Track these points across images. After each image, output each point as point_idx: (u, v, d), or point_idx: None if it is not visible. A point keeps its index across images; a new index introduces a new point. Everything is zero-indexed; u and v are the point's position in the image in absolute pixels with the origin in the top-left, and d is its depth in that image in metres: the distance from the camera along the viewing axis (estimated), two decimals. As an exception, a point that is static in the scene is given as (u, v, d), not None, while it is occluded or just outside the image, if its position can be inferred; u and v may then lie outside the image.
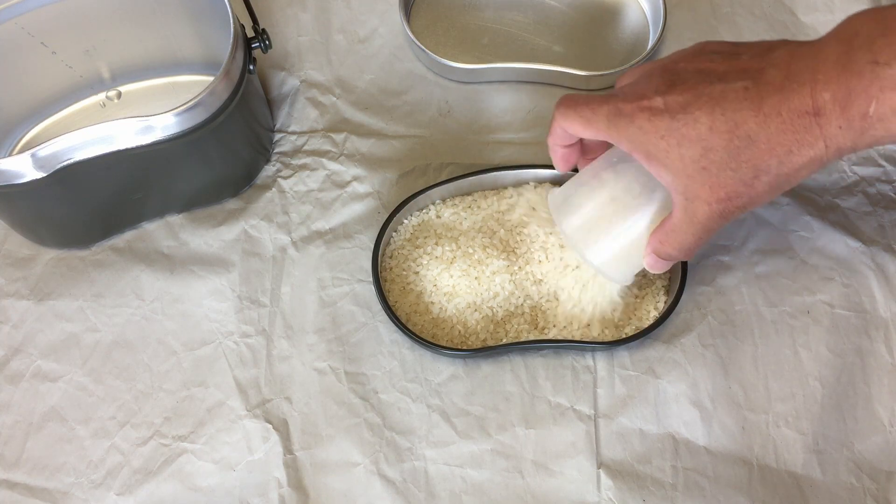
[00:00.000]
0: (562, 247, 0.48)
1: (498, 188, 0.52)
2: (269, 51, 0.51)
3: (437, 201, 0.51)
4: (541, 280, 0.48)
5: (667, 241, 0.41)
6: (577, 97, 0.41)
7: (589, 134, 0.41)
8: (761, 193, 0.37)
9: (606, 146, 0.45)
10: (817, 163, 0.36)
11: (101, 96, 0.56)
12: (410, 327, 0.47)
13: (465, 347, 0.47)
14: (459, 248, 0.49)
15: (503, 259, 0.48)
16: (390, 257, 0.50)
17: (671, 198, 0.39)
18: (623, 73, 0.43)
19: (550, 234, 0.48)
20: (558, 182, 0.50)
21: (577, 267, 0.47)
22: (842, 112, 0.34)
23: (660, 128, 0.37)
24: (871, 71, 0.33)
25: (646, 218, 0.42)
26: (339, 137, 0.56)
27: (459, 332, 0.47)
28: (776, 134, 0.35)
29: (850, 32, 0.34)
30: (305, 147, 0.56)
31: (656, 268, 0.43)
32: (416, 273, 0.49)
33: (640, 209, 0.42)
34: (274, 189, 0.54)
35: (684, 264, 0.48)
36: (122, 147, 0.45)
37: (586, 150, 0.46)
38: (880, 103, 0.33)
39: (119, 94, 0.56)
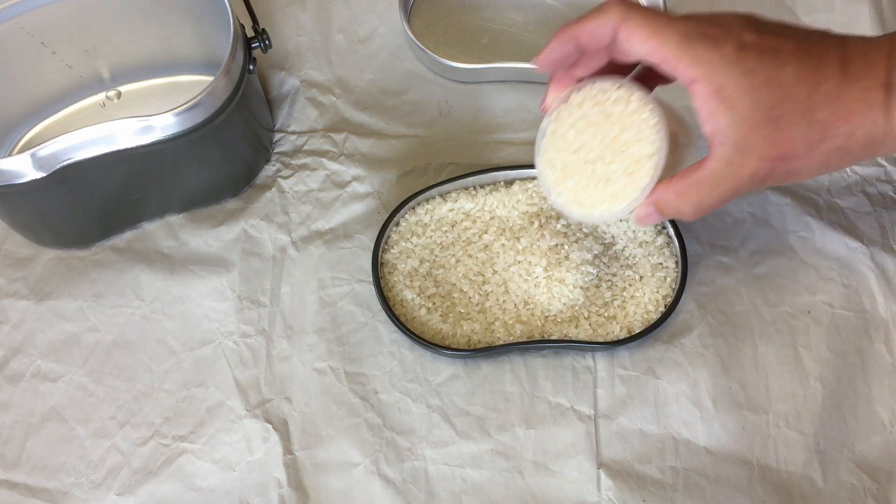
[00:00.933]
0: (561, 246, 0.48)
1: (498, 187, 0.52)
2: (269, 51, 0.51)
3: (438, 201, 0.51)
4: (541, 280, 0.48)
5: (686, 195, 0.37)
6: (640, 6, 0.36)
7: (647, 47, 0.35)
8: (817, 163, 0.36)
9: (599, 69, 0.40)
10: (873, 147, 0.35)
11: (101, 96, 0.56)
12: (410, 327, 0.47)
13: (465, 347, 0.47)
14: (459, 247, 0.49)
15: (503, 259, 0.48)
16: (390, 257, 0.50)
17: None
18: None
19: (546, 233, 0.48)
20: None
21: (576, 267, 0.47)
22: None
23: (747, 61, 0.34)
24: None
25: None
26: (339, 137, 0.56)
27: (459, 332, 0.47)
28: (853, 100, 0.34)
29: None
30: (305, 147, 0.56)
31: (646, 221, 0.40)
32: (417, 273, 0.49)
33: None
34: (274, 189, 0.54)
35: (684, 265, 0.48)
36: (122, 147, 0.45)
37: (575, 63, 0.40)
38: None
39: (119, 94, 0.56)
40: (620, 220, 0.50)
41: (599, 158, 0.39)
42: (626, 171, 0.38)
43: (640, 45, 0.35)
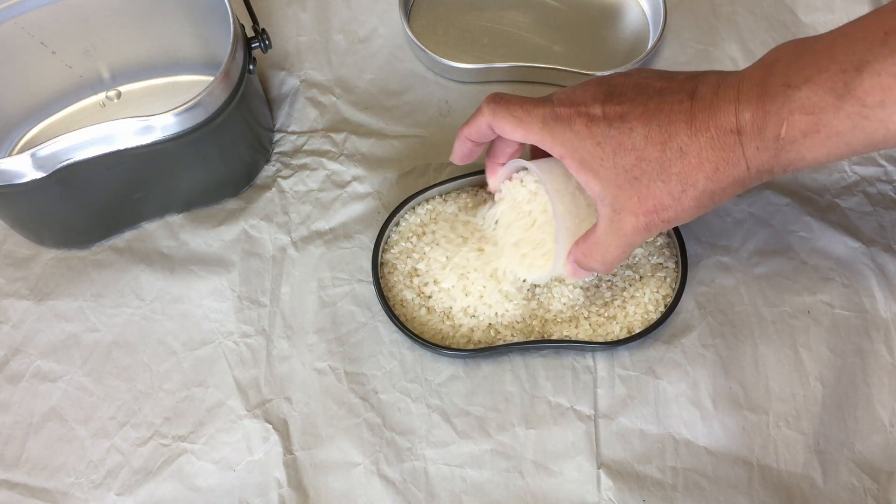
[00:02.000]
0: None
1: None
2: (269, 51, 0.51)
3: (438, 201, 0.51)
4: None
5: (590, 254, 0.41)
6: (509, 96, 0.41)
7: (518, 135, 0.40)
8: (687, 208, 0.37)
9: (513, 153, 0.45)
10: (740, 184, 0.37)
11: (101, 96, 0.56)
12: (410, 327, 0.47)
13: (465, 347, 0.47)
14: (459, 248, 0.49)
15: (503, 258, 0.48)
16: (390, 257, 0.50)
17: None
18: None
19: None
20: None
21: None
22: (759, 133, 0.35)
23: (596, 134, 0.37)
24: (784, 93, 0.34)
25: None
26: (339, 137, 0.56)
27: (459, 332, 0.47)
28: (705, 149, 0.36)
29: (772, 59, 0.36)
30: (305, 147, 0.56)
31: (577, 276, 0.44)
32: (417, 273, 0.49)
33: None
34: (274, 189, 0.54)
35: (684, 265, 0.48)
36: (122, 147, 0.45)
37: (495, 150, 0.46)
38: (790, 126, 0.34)
39: (119, 94, 0.56)
40: None
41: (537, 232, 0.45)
42: (553, 240, 0.44)
43: (513, 134, 0.41)
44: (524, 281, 0.47)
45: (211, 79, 0.45)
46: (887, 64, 0.31)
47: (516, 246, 0.46)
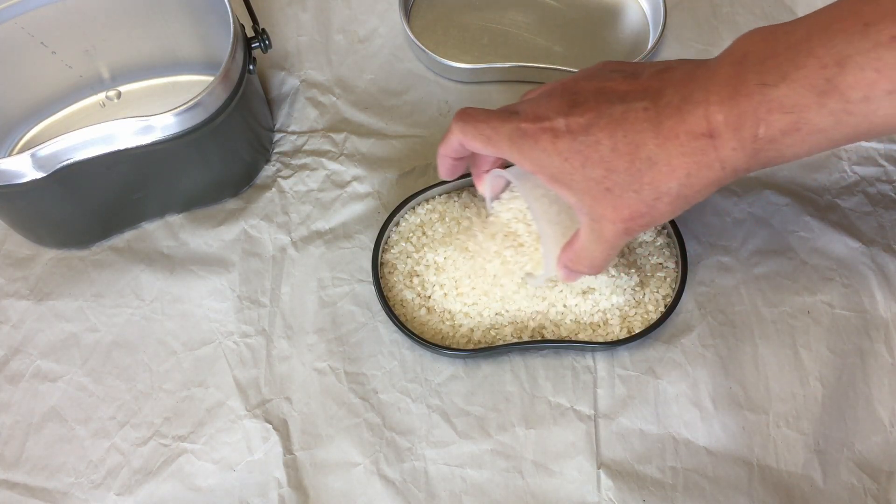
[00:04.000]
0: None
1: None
2: (269, 51, 0.51)
3: (438, 201, 0.51)
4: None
5: (577, 261, 0.41)
6: (476, 112, 0.41)
7: (489, 152, 0.40)
8: (664, 213, 0.37)
9: (495, 160, 0.45)
10: (716, 184, 0.36)
11: (101, 96, 0.56)
12: (410, 327, 0.47)
13: (465, 347, 0.47)
14: (459, 248, 0.49)
15: (503, 259, 0.48)
16: (390, 257, 0.50)
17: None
18: (527, 91, 0.43)
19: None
20: None
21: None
22: (734, 134, 0.33)
23: (563, 149, 0.37)
24: (760, 92, 0.32)
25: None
26: (339, 137, 0.56)
27: (459, 332, 0.47)
28: (675, 156, 0.35)
29: (741, 53, 0.34)
30: (305, 147, 0.56)
31: (569, 279, 0.44)
32: (417, 273, 0.49)
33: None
34: (274, 189, 0.54)
35: (684, 265, 0.48)
36: (122, 147, 0.45)
37: (477, 161, 0.45)
38: (769, 125, 0.33)
39: (119, 94, 0.56)
40: None
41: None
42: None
43: (484, 151, 0.41)
44: (524, 280, 0.47)
45: (211, 79, 0.45)
46: (870, 58, 0.30)
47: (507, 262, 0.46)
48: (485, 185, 0.46)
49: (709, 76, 0.34)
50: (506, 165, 0.45)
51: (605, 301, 0.47)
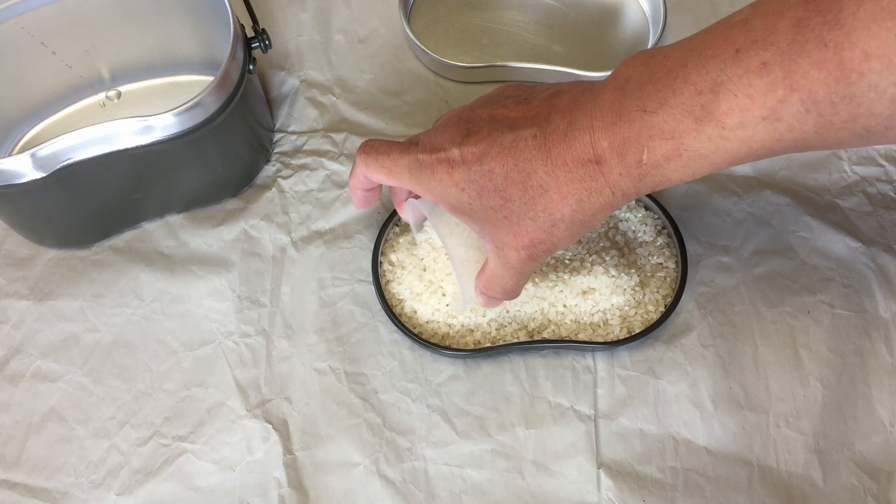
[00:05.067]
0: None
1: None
2: (269, 51, 0.51)
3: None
4: (540, 281, 0.48)
5: (489, 287, 0.41)
6: (378, 144, 0.41)
7: (393, 183, 0.41)
8: (563, 238, 0.37)
9: (408, 190, 0.45)
10: (608, 208, 0.36)
11: (101, 96, 0.56)
12: (410, 327, 0.47)
13: (465, 347, 0.47)
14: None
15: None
16: (390, 257, 0.50)
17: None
18: (440, 118, 0.43)
19: None
20: None
21: (577, 268, 0.47)
22: (619, 159, 0.33)
23: (459, 181, 0.37)
24: (641, 119, 0.32)
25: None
26: (339, 137, 0.56)
27: (459, 332, 0.47)
28: (565, 183, 0.35)
29: (623, 78, 0.34)
30: (305, 147, 0.56)
31: (489, 305, 0.44)
32: (416, 273, 0.49)
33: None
34: (274, 189, 0.54)
35: (684, 265, 0.48)
36: (122, 147, 0.45)
37: (395, 189, 0.46)
38: (651, 151, 0.32)
39: (119, 94, 0.56)
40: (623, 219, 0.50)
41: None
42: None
43: (388, 182, 0.41)
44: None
45: (211, 79, 0.45)
46: (742, 84, 0.29)
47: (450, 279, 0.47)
48: (406, 213, 0.47)
49: (593, 102, 0.34)
50: None
51: (605, 301, 0.47)
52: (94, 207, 0.49)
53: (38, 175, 0.44)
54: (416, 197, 0.45)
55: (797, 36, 0.28)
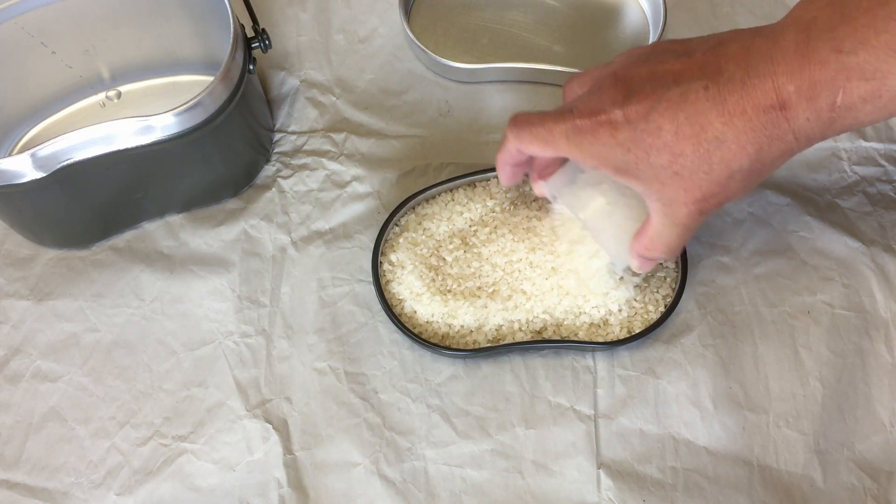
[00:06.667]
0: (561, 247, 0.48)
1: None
2: (269, 51, 0.51)
3: (437, 201, 0.51)
4: (540, 281, 0.48)
5: (652, 246, 0.40)
6: (529, 116, 0.40)
7: (548, 153, 0.40)
8: (737, 190, 0.36)
9: (560, 159, 0.44)
10: (789, 154, 0.35)
11: (101, 96, 0.56)
12: (410, 327, 0.47)
13: (465, 347, 0.47)
14: (459, 248, 0.49)
15: (504, 258, 0.48)
16: (390, 257, 0.50)
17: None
18: (570, 80, 0.42)
19: (545, 234, 0.48)
20: None
21: (577, 268, 0.47)
22: (808, 104, 0.33)
23: (624, 141, 0.36)
24: (836, 60, 0.31)
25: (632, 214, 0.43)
26: (339, 137, 0.56)
27: (459, 332, 0.47)
28: (744, 132, 0.34)
29: (807, 19, 0.33)
30: (305, 147, 0.56)
31: (645, 267, 0.43)
32: (416, 273, 0.49)
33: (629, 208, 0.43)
34: (274, 189, 0.54)
35: (684, 265, 0.48)
36: (122, 147, 0.45)
37: (538, 164, 0.45)
38: (847, 93, 0.32)
39: (119, 94, 0.56)
40: None
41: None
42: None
43: (542, 153, 0.40)
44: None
45: (211, 79, 0.45)
46: None
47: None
48: (542, 189, 0.45)
49: (771, 47, 0.33)
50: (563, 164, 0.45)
51: (604, 301, 0.47)
52: (94, 207, 0.49)
53: (38, 175, 0.44)
54: (549, 175, 0.44)
55: None
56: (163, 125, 0.45)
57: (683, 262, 0.48)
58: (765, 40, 0.34)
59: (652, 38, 0.60)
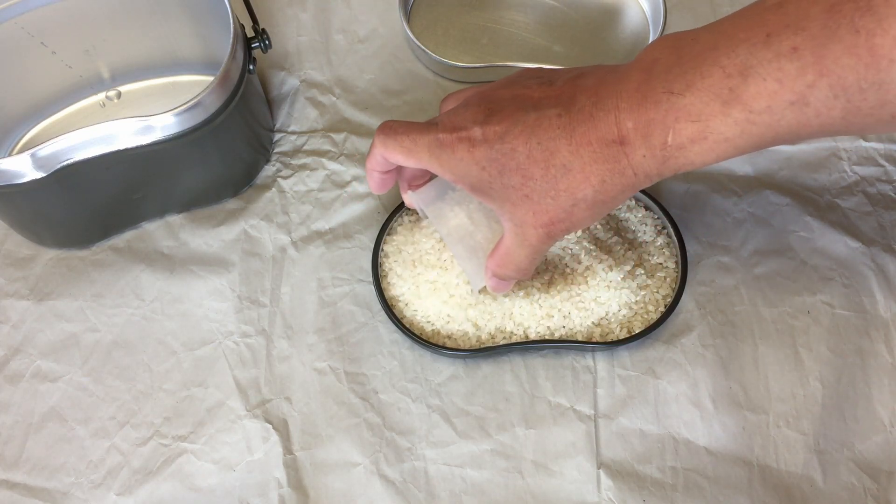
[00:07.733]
0: (563, 248, 0.48)
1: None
2: (269, 51, 0.51)
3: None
4: (540, 281, 0.48)
5: (503, 265, 0.41)
6: (396, 125, 0.40)
7: (411, 164, 0.40)
8: (582, 219, 0.37)
9: (420, 173, 0.45)
10: (631, 189, 0.36)
11: (101, 96, 0.56)
12: (410, 327, 0.47)
13: (465, 347, 0.47)
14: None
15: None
16: (390, 257, 0.50)
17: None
18: (448, 95, 0.43)
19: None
20: None
21: (576, 268, 0.47)
22: (643, 140, 0.34)
23: (480, 159, 0.37)
24: (668, 101, 0.32)
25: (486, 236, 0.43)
26: (339, 137, 0.56)
27: (459, 331, 0.47)
28: (589, 163, 0.35)
29: (650, 60, 0.34)
30: (305, 147, 0.56)
31: (500, 289, 0.44)
32: (416, 273, 0.49)
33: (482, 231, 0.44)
34: (274, 189, 0.54)
35: (684, 265, 0.48)
36: (122, 147, 0.45)
37: (403, 174, 0.45)
38: (676, 133, 0.33)
39: (119, 94, 0.56)
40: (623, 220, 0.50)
41: None
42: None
43: (406, 164, 0.41)
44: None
45: (211, 79, 0.45)
46: (772, 68, 0.30)
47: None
48: (410, 200, 0.46)
49: (619, 83, 0.35)
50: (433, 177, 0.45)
51: (604, 301, 0.47)
52: (94, 207, 0.49)
53: (38, 175, 0.44)
54: (417, 187, 0.45)
55: (829, 21, 0.29)
56: (163, 125, 0.45)
57: (683, 262, 0.48)
58: (615, 76, 0.35)
59: (652, 38, 0.60)
